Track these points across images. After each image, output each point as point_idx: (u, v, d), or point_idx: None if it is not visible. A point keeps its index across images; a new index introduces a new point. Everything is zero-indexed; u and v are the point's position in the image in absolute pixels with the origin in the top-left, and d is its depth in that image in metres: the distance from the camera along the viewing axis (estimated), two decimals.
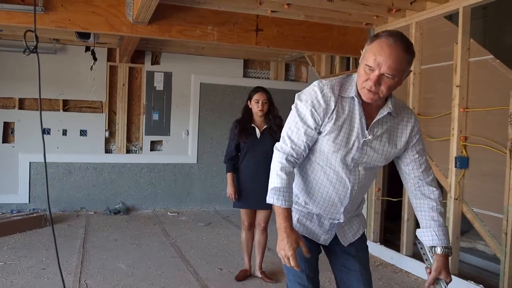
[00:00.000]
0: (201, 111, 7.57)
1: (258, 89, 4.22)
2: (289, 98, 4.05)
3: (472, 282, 3.99)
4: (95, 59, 6.50)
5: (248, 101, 4.24)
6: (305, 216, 2.14)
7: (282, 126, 2.31)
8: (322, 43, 5.32)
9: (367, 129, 1.96)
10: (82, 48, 6.98)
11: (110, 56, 7.19)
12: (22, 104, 6.88)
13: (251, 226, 4.29)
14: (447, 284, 2.01)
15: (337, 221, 2.11)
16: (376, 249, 5.20)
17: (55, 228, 5.81)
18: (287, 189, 1.95)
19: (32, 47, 2.02)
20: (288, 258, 1.88)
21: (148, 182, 7.39)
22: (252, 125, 4.20)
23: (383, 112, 1.96)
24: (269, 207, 4.01)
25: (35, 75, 6.59)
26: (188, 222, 6.66)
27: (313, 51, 5.99)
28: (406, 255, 4.80)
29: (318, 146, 2.01)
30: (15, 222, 5.74)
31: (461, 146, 4.18)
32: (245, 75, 7.90)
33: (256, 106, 4.15)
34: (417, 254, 4.91)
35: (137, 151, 7.44)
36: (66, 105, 7.04)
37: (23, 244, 5.22)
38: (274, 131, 4.11)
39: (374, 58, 1.80)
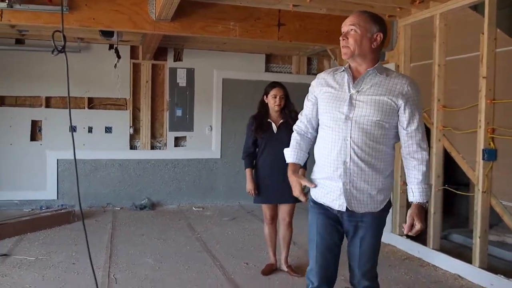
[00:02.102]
0: (224, 106, 7.61)
1: (275, 84, 4.23)
2: None
3: (502, 276, 3.93)
4: (118, 57, 6.57)
5: (264, 96, 4.26)
6: (319, 185, 2.44)
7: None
8: None
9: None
10: (106, 46, 7.07)
11: (133, 53, 7.27)
12: (48, 102, 7.02)
13: (274, 220, 4.31)
14: (420, 231, 2.29)
15: (343, 182, 2.32)
16: (402, 243, 5.16)
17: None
18: (293, 149, 2.56)
19: (60, 47, 2.05)
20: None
21: (172, 178, 7.47)
22: (268, 120, 4.21)
23: (368, 71, 2.31)
24: (291, 200, 4.05)
25: (61, 74, 6.70)
26: (213, 217, 6.71)
27: (335, 45, 5.90)
28: (433, 249, 4.75)
29: (319, 113, 2.46)
30: (45, 218, 5.88)
31: (488, 138, 4.11)
32: (267, 69, 7.90)
33: (273, 102, 4.16)
34: (444, 247, 4.88)
35: (162, 147, 7.52)
36: (91, 103, 7.15)
37: (53, 239, 5.33)
38: (290, 125, 4.07)
39: (343, 26, 2.34)
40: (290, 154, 2.55)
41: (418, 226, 2.26)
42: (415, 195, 2.30)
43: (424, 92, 4.81)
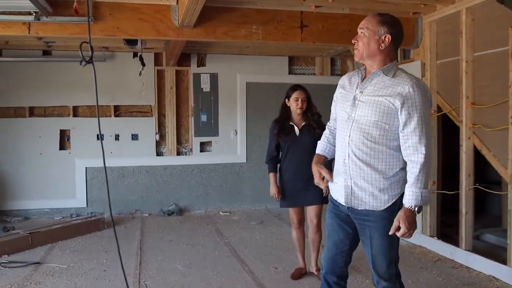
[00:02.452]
0: (248, 110, 7.61)
1: (296, 87, 4.19)
2: None
3: None
4: (143, 64, 6.66)
5: (286, 99, 4.22)
6: (334, 180, 2.56)
7: (321, 123, 2.70)
8: None
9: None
10: (130, 54, 7.16)
11: (157, 60, 7.33)
12: (76, 111, 7.14)
13: (301, 223, 4.27)
14: (405, 234, 2.30)
15: (344, 178, 2.46)
16: (433, 244, 5.07)
17: (113, 231, 5.99)
18: (321, 142, 2.76)
19: (88, 58, 2.08)
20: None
21: (199, 183, 7.50)
22: (291, 123, 4.17)
23: (374, 72, 2.40)
24: (317, 202, 4.05)
25: (87, 83, 6.88)
26: (240, 222, 6.71)
27: None
28: (465, 250, 4.65)
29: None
30: (76, 226, 5.96)
31: None
32: (290, 72, 7.87)
33: (296, 104, 4.13)
34: (477, 248, 4.77)
35: (187, 152, 7.56)
36: (117, 111, 7.24)
37: (84, 247, 5.40)
38: (313, 128, 4.08)
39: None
40: (318, 146, 2.76)
41: (401, 229, 2.29)
42: (404, 197, 2.34)
43: (453, 90, 4.74)
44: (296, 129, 4.15)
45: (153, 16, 4.57)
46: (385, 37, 2.36)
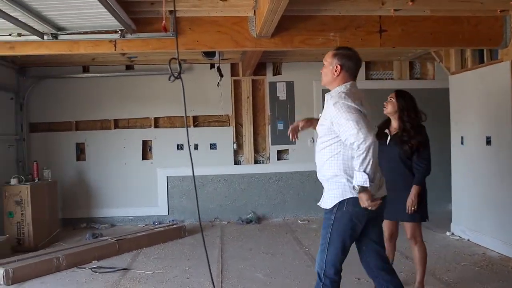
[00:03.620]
0: None
1: (394, 91, 3.90)
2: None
3: None
4: (221, 75, 6.79)
5: None
6: None
7: (415, 134, 3.45)
8: (451, 37, 5.00)
9: None
10: (207, 66, 7.35)
11: (234, 71, 7.47)
12: (157, 123, 7.42)
13: (391, 237, 3.97)
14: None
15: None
16: None
17: (194, 238, 6.16)
18: None
19: (176, 73, 2.14)
20: None
21: (277, 191, 7.51)
22: (386, 130, 3.89)
23: (326, 97, 2.94)
24: (406, 218, 3.77)
25: (167, 95, 7.14)
26: (319, 230, 6.56)
27: (442, 47, 5.69)
28: None
29: None
30: (159, 233, 6.16)
31: None
32: (367, 77, 7.72)
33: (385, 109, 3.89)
34: None
35: (265, 161, 7.60)
36: (196, 121, 7.43)
37: (167, 254, 5.57)
38: (402, 140, 3.73)
39: None
40: None
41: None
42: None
43: None
44: (388, 138, 3.85)
45: (231, 28, 4.66)
46: (337, 66, 2.90)
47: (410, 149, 3.68)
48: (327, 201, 2.88)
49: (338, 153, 2.83)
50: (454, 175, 6.09)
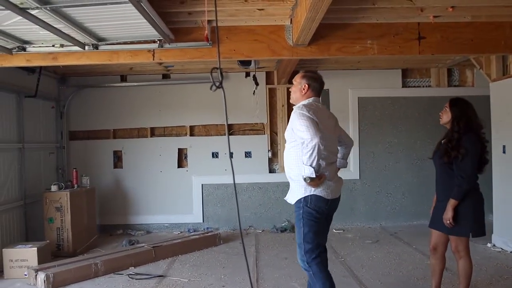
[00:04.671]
0: (360, 125, 7.46)
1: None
2: None
3: None
4: (257, 84, 6.81)
5: None
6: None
7: (457, 147, 3.37)
8: (493, 43, 4.86)
9: None
10: (243, 74, 7.37)
11: (269, 79, 7.47)
12: (192, 131, 7.49)
13: (435, 249, 3.81)
14: None
15: None
16: None
17: (228, 246, 6.17)
18: None
19: (218, 83, 2.15)
20: None
21: None
22: (443, 140, 3.74)
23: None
24: (450, 232, 3.62)
25: (202, 103, 7.23)
26: (355, 240, 6.55)
27: (483, 53, 5.55)
28: None
29: None
30: (195, 241, 6.21)
31: None
32: (404, 85, 7.59)
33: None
34: None
35: None
36: (231, 129, 7.46)
37: (202, 261, 5.59)
38: (445, 150, 3.60)
39: None
40: None
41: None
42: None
43: None
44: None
45: (267, 36, 4.67)
46: (305, 85, 3.43)
47: (448, 160, 3.57)
48: (292, 197, 3.32)
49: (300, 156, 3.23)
50: (496, 184, 5.92)
